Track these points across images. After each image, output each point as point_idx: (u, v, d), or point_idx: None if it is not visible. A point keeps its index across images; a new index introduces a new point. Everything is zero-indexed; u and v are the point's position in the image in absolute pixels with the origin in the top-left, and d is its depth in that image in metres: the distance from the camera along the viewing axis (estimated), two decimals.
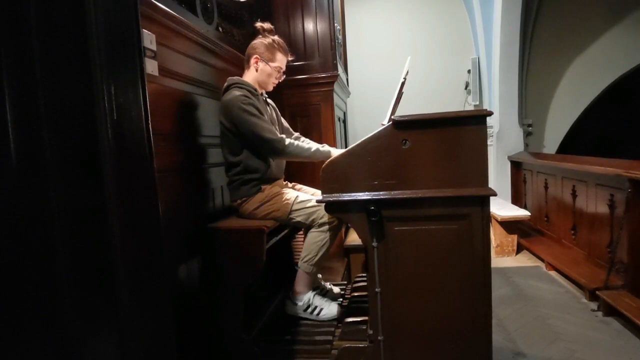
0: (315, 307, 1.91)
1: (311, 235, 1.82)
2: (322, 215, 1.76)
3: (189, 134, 1.84)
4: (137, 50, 0.73)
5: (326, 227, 1.78)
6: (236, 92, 1.81)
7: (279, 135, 1.81)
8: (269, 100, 2.07)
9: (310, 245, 1.82)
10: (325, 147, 1.91)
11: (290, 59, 2.02)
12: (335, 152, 1.83)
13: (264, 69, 1.92)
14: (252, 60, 1.93)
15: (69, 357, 0.65)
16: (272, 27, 1.99)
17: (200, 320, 1.73)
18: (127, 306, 0.69)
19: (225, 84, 1.89)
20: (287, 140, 1.80)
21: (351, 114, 4.91)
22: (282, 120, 2.16)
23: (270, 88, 2.01)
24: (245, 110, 1.76)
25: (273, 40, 1.94)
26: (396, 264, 1.45)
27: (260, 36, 1.96)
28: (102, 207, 0.66)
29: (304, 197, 1.85)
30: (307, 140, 2.15)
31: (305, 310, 1.91)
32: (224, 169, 1.92)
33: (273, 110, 2.07)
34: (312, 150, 1.84)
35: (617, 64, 4.80)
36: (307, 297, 1.92)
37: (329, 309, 1.90)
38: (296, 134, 2.19)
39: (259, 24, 1.98)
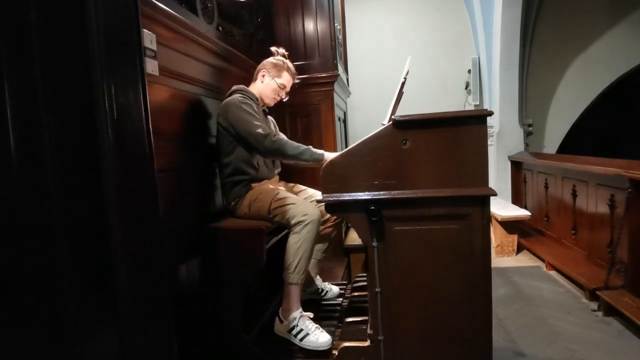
0: (300, 331, 1.70)
1: (288, 240, 1.72)
2: (295, 214, 1.68)
3: (189, 134, 1.84)
4: (137, 50, 0.73)
5: (300, 226, 1.67)
6: (238, 96, 1.87)
7: (268, 131, 1.80)
8: (269, 117, 2.12)
9: (288, 251, 1.71)
10: (321, 150, 1.85)
11: (296, 81, 2.10)
12: (330, 156, 1.75)
13: (269, 84, 2.00)
14: (260, 74, 2.01)
15: (69, 357, 0.65)
16: (286, 52, 2.09)
17: (201, 320, 1.73)
18: (127, 306, 0.69)
19: (231, 90, 1.94)
20: (277, 137, 1.80)
21: (351, 113, 4.91)
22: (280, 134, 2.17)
23: (272, 103, 2.06)
24: (241, 108, 1.81)
25: (284, 62, 2.03)
26: (396, 264, 1.45)
27: (273, 56, 2.06)
28: (102, 207, 0.66)
29: (283, 194, 1.78)
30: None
31: (290, 331, 1.73)
32: (218, 171, 1.93)
33: (271, 123, 2.12)
34: (302, 148, 1.78)
35: (617, 64, 4.80)
36: (292, 317, 1.73)
37: (315, 337, 1.69)
38: None
39: (274, 48, 2.10)
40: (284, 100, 2.09)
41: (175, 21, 1.63)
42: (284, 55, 2.08)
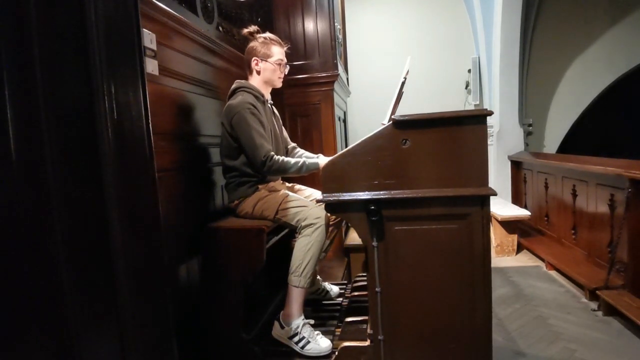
0: (302, 339, 1.70)
1: (297, 243, 1.73)
2: (307, 216, 1.69)
3: (189, 134, 1.84)
4: (137, 50, 0.73)
5: (311, 229, 1.68)
6: (243, 97, 1.81)
7: (269, 152, 1.75)
8: (274, 110, 2.06)
9: (296, 254, 1.71)
10: (315, 160, 1.86)
11: (286, 47, 1.99)
12: (324, 161, 1.72)
13: (266, 68, 1.91)
14: (253, 64, 1.91)
15: (70, 357, 0.65)
16: (257, 28, 1.98)
17: (201, 320, 1.73)
18: (127, 306, 0.69)
19: (233, 87, 1.89)
20: (273, 159, 1.75)
21: (351, 113, 4.91)
22: (283, 130, 2.14)
23: (279, 84, 1.99)
24: (245, 121, 1.75)
25: (265, 37, 1.93)
26: (396, 263, 1.45)
27: (251, 40, 1.95)
28: (102, 207, 0.66)
29: (293, 197, 1.80)
30: (302, 152, 2.15)
31: (291, 338, 1.72)
32: (222, 171, 1.92)
33: (276, 120, 2.05)
34: (299, 165, 1.77)
35: (617, 64, 4.80)
36: (295, 324, 1.72)
37: (317, 344, 1.70)
38: (293, 145, 2.18)
39: (245, 31, 1.97)
40: (286, 73, 2.00)
41: (175, 21, 1.63)
42: (258, 32, 1.96)
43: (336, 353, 1.60)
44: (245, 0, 2.63)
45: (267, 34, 1.95)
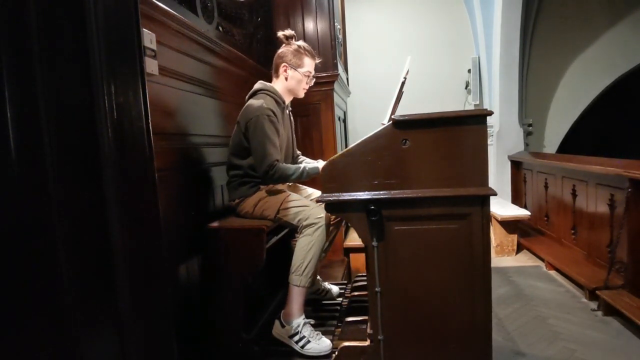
0: (303, 338, 1.70)
1: (298, 242, 1.73)
2: (308, 216, 1.70)
3: (189, 134, 1.84)
4: (137, 50, 0.73)
5: (312, 229, 1.69)
6: (264, 101, 1.80)
7: (274, 161, 1.75)
8: (291, 116, 2.06)
9: (297, 253, 1.72)
10: (315, 164, 1.86)
11: (318, 60, 1.99)
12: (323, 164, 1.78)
13: (293, 76, 1.91)
14: (281, 69, 1.91)
15: (70, 357, 0.65)
16: (293, 33, 1.97)
17: (200, 320, 1.73)
18: (127, 306, 0.69)
19: (255, 87, 1.89)
20: (276, 167, 1.75)
21: (351, 113, 4.91)
22: (294, 136, 2.13)
23: (302, 94, 1.99)
24: (262, 125, 1.74)
25: (299, 46, 1.92)
26: (396, 263, 1.45)
27: (285, 44, 1.94)
28: (102, 207, 0.66)
29: (294, 197, 1.82)
30: (304, 158, 2.15)
31: (292, 337, 1.72)
32: (225, 168, 1.92)
33: (291, 126, 2.06)
34: (299, 171, 1.77)
35: (617, 64, 4.80)
36: (296, 323, 1.73)
37: (317, 344, 1.70)
38: (298, 152, 2.18)
39: (280, 34, 1.96)
40: (311, 85, 2.00)
41: (175, 21, 1.63)
42: (292, 37, 1.96)
43: (336, 353, 1.60)
44: (245, 0, 2.63)
45: (302, 43, 1.95)
